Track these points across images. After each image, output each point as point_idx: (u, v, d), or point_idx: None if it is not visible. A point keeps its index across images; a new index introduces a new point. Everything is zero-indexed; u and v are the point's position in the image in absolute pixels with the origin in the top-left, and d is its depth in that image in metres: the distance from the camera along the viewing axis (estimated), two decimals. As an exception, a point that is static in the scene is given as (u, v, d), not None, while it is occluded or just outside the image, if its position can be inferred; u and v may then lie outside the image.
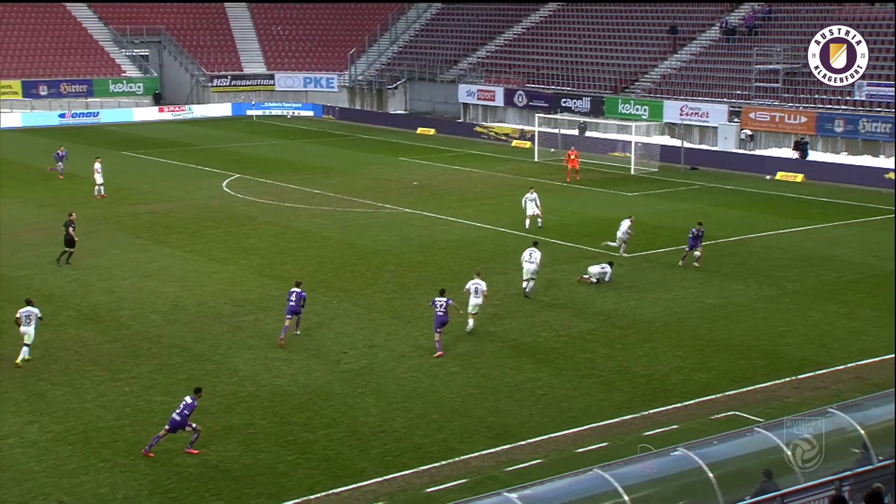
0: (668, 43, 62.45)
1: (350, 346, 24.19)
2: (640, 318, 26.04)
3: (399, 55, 78.93)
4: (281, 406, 20.57)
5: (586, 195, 43.81)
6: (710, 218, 37.64)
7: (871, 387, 20.62)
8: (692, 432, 18.28)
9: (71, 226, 31.53)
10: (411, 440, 18.95)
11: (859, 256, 32.35)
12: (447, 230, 36.92)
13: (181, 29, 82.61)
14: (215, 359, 23.40)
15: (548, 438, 18.92)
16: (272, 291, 28.78)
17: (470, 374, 22.22)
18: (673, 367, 22.52)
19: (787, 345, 24.01)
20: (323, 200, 42.60)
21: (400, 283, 29.69)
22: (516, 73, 67.38)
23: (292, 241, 35.16)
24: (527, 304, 27.37)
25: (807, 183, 46.39)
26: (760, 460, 14.19)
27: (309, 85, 79.80)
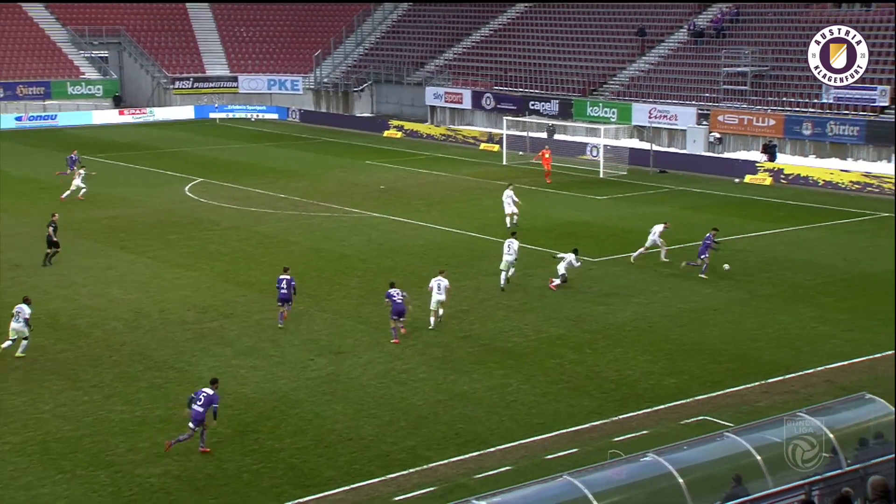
0: (637, 45, 62.89)
1: (317, 352, 24.10)
2: (610, 323, 26.18)
3: (365, 57, 78.85)
4: (246, 414, 20.45)
5: (555, 198, 43.99)
6: (679, 221, 37.93)
7: (841, 390, 20.87)
8: (662, 437, 18.39)
9: (52, 226, 32.16)
10: (379, 448, 18.91)
11: (829, 259, 32.75)
12: (415, 235, 36.91)
13: (141, 30, 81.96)
14: (179, 367, 23.22)
15: (517, 445, 18.96)
16: (237, 298, 28.63)
17: (439, 381, 22.23)
18: (643, 372, 22.66)
19: (758, 348, 24.24)
20: (288, 205, 42.44)
21: (367, 288, 29.63)
22: (484, 76, 67.54)
23: (257, 247, 34.99)
24: (496, 309, 27.43)
25: (775, 186, 46.89)
26: (730, 465, 14.29)
27: (273, 87, 79.48)
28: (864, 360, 23.28)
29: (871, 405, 15.79)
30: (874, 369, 22.74)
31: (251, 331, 25.72)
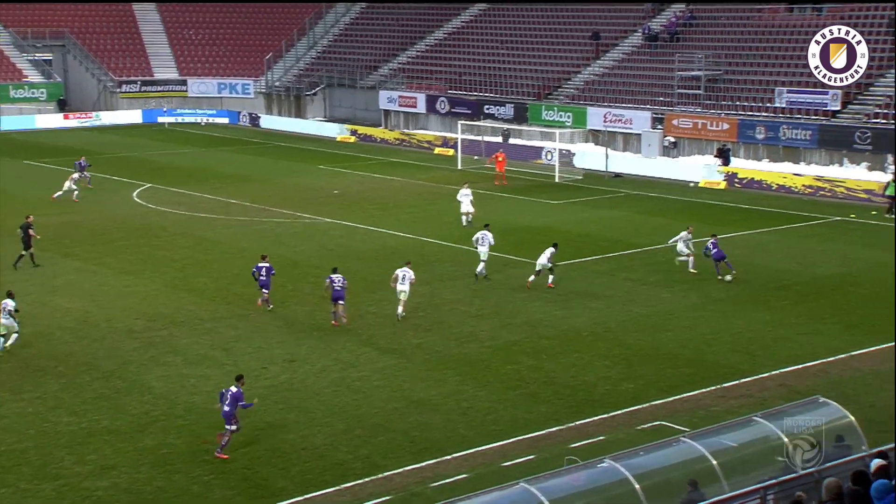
0: (591, 49, 63.41)
1: (269, 360, 23.95)
2: (566, 328, 26.33)
3: (318, 60, 78.60)
4: (197, 425, 20.25)
5: (510, 203, 44.17)
6: (634, 225, 38.33)
7: (796, 394, 21.18)
8: (619, 443, 18.52)
9: (29, 228, 32.58)
10: (333, 457, 18.83)
11: (783, 263, 33.24)
12: (368, 240, 36.85)
13: (87, 32, 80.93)
14: (127, 376, 22.93)
15: (474, 452, 18.99)
16: (187, 305, 28.36)
17: (394, 388, 22.19)
18: (600, 378, 22.82)
19: (714, 353, 24.53)
20: (239, 210, 42.14)
21: (321, 295, 29.45)
22: (438, 80, 67.65)
23: (207, 253, 34.70)
24: (451, 315, 27.47)
25: (730, 190, 47.51)
26: (687, 470, 14.45)
27: (223, 91, 78.90)
28: (818, 364, 23.65)
29: (824, 408, 16.05)
30: (827, 373, 23.12)
31: (202, 339, 25.49)
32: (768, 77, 53.77)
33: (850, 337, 25.45)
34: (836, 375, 22.90)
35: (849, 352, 24.34)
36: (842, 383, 22.26)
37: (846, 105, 49.79)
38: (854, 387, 22.05)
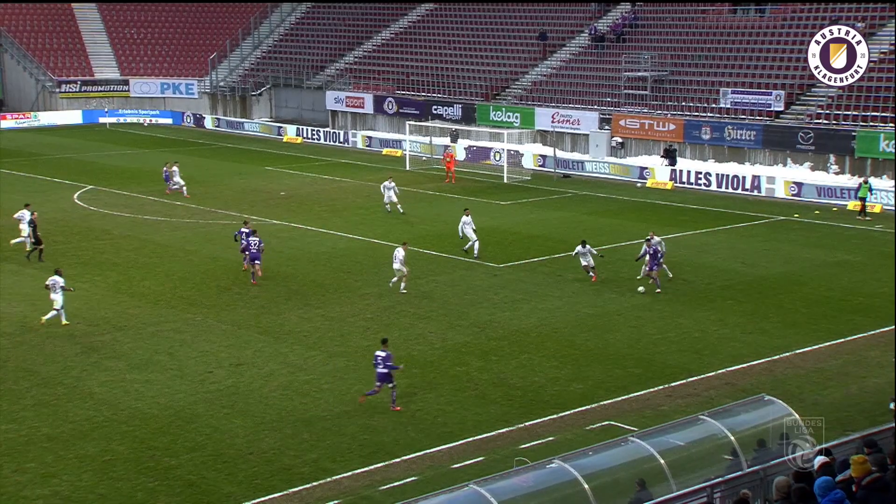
0: (538, 49, 63.77)
1: (215, 364, 23.74)
2: (515, 329, 26.45)
3: (263, 60, 78.04)
4: (140, 430, 20.01)
5: (459, 204, 44.23)
6: (583, 226, 38.60)
7: (741, 392, 21.51)
8: (568, 444, 18.66)
9: (32, 225, 33.96)
10: (281, 461, 18.72)
11: (727, 263, 33.70)
12: (317, 242, 36.68)
13: (24, 31, 79.47)
14: (67, 382, 22.58)
15: (423, 455, 19.01)
16: (130, 309, 28.00)
17: (343, 391, 22.13)
18: (549, 378, 22.96)
19: (661, 352, 24.81)
20: (184, 212, 41.69)
21: (268, 297, 29.33)
22: (386, 80, 67.55)
23: (152, 256, 34.29)
24: (400, 316, 27.46)
25: (676, 190, 48.07)
26: (635, 470, 14.60)
27: (167, 91, 77.98)
28: (763, 363, 24.04)
29: (769, 407, 16.31)
30: (772, 371, 23.51)
31: (146, 343, 25.19)
32: (713, 78, 54.52)
33: (793, 335, 25.90)
34: (781, 374, 23.30)
35: (792, 350, 24.77)
36: (786, 381, 22.66)
37: (789, 106, 50.67)
38: (798, 384, 22.45)
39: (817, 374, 23.21)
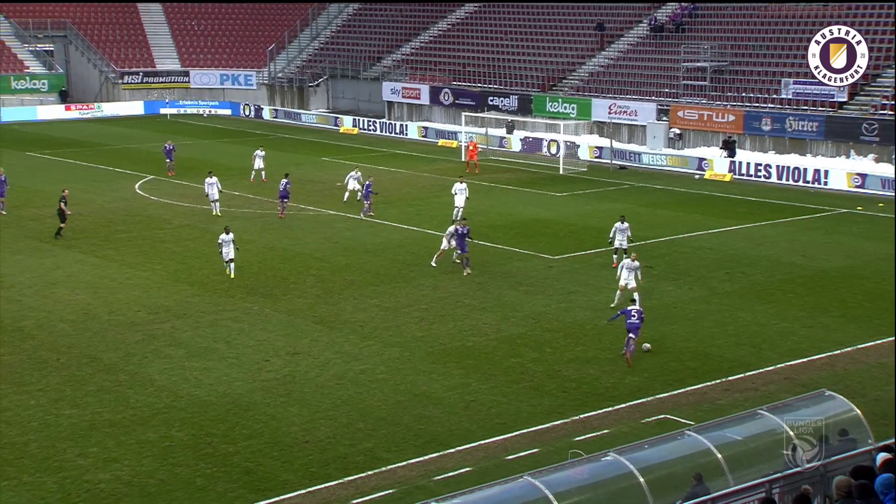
0: (596, 40, 63.28)
1: (272, 353, 23.97)
2: (569, 321, 26.32)
3: (320, 52, 78.51)
4: (199, 417, 20.29)
5: (514, 195, 44.13)
6: (639, 218, 38.24)
7: (801, 387, 21.16)
8: (623, 437, 18.53)
9: (63, 201, 35.42)
10: (336, 450, 18.85)
11: (787, 256, 33.17)
12: (372, 232, 36.84)
13: (88, 23, 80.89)
14: (129, 369, 22.97)
15: (477, 446, 19.00)
16: (189, 298, 28.38)
17: (397, 381, 22.21)
18: (603, 371, 22.81)
19: (718, 346, 24.51)
20: (242, 202, 42.14)
21: (324, 287, 29.53)
22: (442, 71, 67.55)
23: (210, 245, 34.62)
24: (455, 307, 27.46)
25: (735, 182, 47.42)
26: (692, 464, 14.44)
27: (226, 82, 78.86)
28: (823, 357, 23.63)
29: (830, 402, 16.03)
30: (833, 366, 23.10)
31: (205, 331, 25.52)
32: (774, 68, 53.63)
33: (855, 330, 25.41)
34: (842, 369, 22.88)
35: (854, 345, 24.31)
36: (847, 376, 22.25)
37: (853, 96, 49.60)
38: (859, 380, 22.03)
39: (879, 370, 22.75)
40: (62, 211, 35.35)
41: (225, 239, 30.18)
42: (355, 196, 41.18)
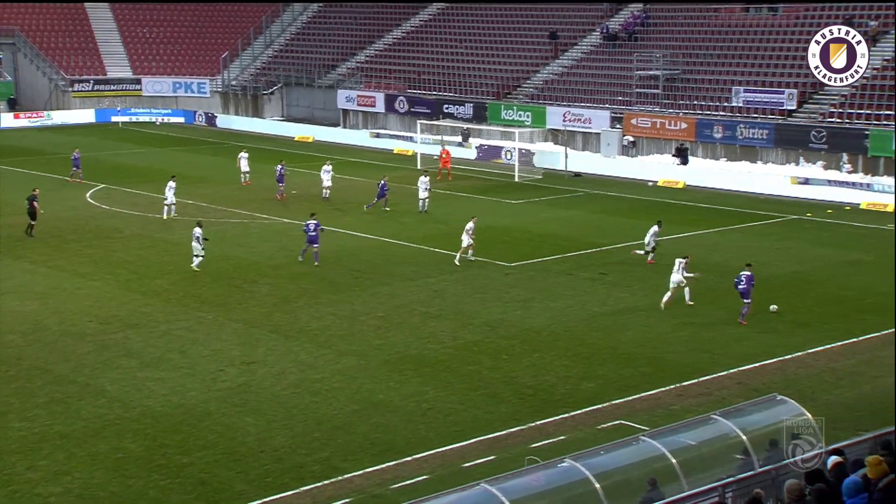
0: (550, 49, 63.69)
1: (227, 362, 23.78)
2: (526, 328, 26.42)
3: (274, 59, 78.16)
4: (152, 428, 20.06)
5: (470, 203, 44.22)
6: (594, 225, 38.57)
7: (753, 392, 21.43)
8: (579, 443, 18.64)
9: (34, 200, 36.08)
10: (292, 460, 18.75)
11: (739, 262, 33.47)
12: (327, 240, 36.64)
13: (37, 30, 79.75)
14: (80, 380, 22.65)
15: (434, 453, 19.00)
16: (142, 307, 28.07)
17: (353, 390, 22.14)
18: (560, 377, 22.93)
19: (672, 352, 24.75)
20: (196, 211, 41.77)
21: (279, 296, 29.37)
22: (397, 79, 67.57)
23: (163, 254, 34.37)
24: (412, 315, 27.46)
25: (687, 189, 47.94)
26: (647, 469, 14.56)
27: (179, 90, 78.16)
28: (775, 362, 23.95)
29: (781, 406, 16.25)
30: (784, 371, 23.43)
31: (158, 341, 25.26)
32: (725, 76, 54.36)
33: (805, 335, 25.81)
34: (793, 373, 23.22)
35: (804, 349, 24.68)
36: (798, 381, 22.58)
37: (802, 104, 50.47)
38: (810, 384, 22.37)
39: (829, 374, 23.13)
40: (34, 209, 35.75)
41: (197, 233, 31.53)
42: (326, 193, 43.00)
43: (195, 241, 31.70)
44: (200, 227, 32.06)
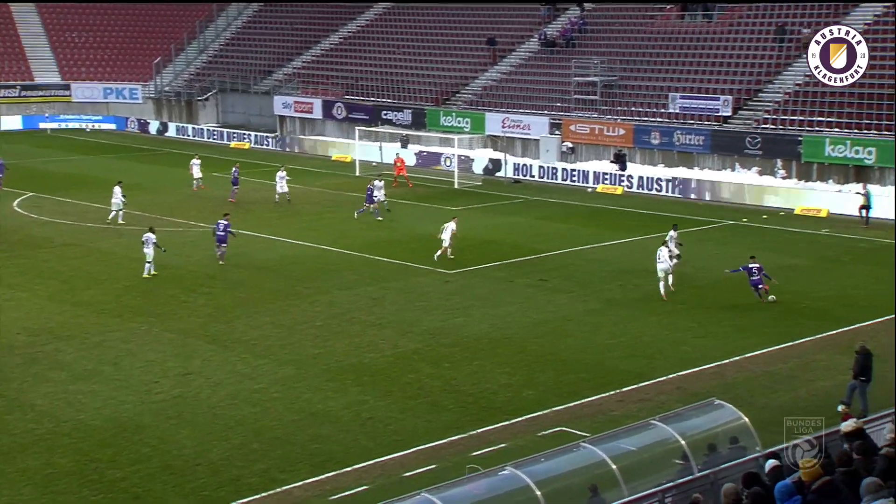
0: (488, 54, 64.00)
1: (162, 374, 23.46)
2: (467, 335, 26.49)
3: (209, 65, 77.38)
4: (84, 443, 19.71)
5: (410, 210, 44.25)
6: (534, 231, 38.82)
7: (692, 396, 21.73)
8: (520, 450, 18.72)
9: None
10: (230, 472, 18.55)
11: (679, 268, 34.01)
12: (265, 248, 36.44)
13: (-39, 33, 78.00)
14: (8, 394, 22.17)
15: (374, 463, 18.95)
16: (73, 318, 27.58)
17: (292, 400, 21.99)
18: (501, 385, 23.02)
19: (612, 357, 25.00)
20: (130, 219, 41.15)
21: (216, 305, 29.07)
22: (335, 85, 67.34)
23: (96, 264, 33.82)
24: (351, 324, 27.36)
25: (626, 195, 48.51)
26: (587, 475, 14.69)
27: (110, 96, 76.96)
28: (713, 367, 24.32)
29: (720, 411, 16.52)
30: (722, 375, 23.80)
31: (90, 353, 24.83)
32: (662, 83, 55.12)
33: (743, 339, 26.25)
34: (731, 377, 23.60)
35: (742, 354, 25.10)
36: (736, 385, 22.96)
37: (737, 111, 51.38)
38: (748, 388, 22.75)
39: (766, 378, 23.55)
40: None
41: (147, 238, 31.57)
42: (285, 198, 43.60)
43: (147, 246, 31.52)
44: (153, 232, 31.95)
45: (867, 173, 45.39)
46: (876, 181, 44.96)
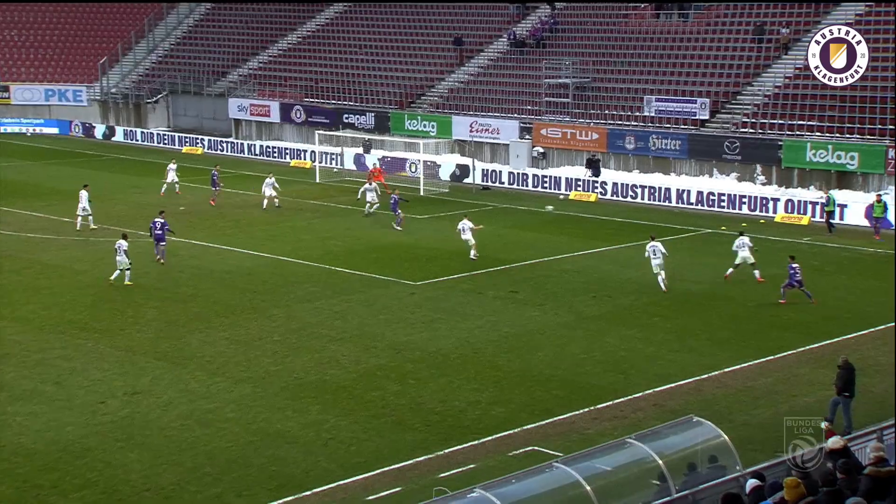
0: (455, 55, 64.18)
1: (108, 394, 23.26)
2: (433, 351, 26.49)
3: (159, 65, 76.99)
4: (24, 468, 19.48)
5: (373, 218, 44.21)
6: (503, 240, 38.91)
7: (669, 413, 21.86)
8: (490, 471, 18.73)
9: None
10: (181, 498, 18.41)
11: (653, 278, 34.23)
12: (220, 259, 36.26)
13: None
14: (-57, 417, 21.86)
15: (336, 486, 18.89)
16: (11, 335, 27.27)
17: (249, 420, 21.88)
18: (469, 402, 23.04)
19: (586, 373, 25.10)
20: (73, 230, 40.80)
21: (166, 320, 28.87)
22: (293, 87, 67.22)
23: (38, 277, 33.48)
24: (311, 338, 27.28)
25: (600, 202, 48.77)
26: (560, 497, 14.73)
27: (52, 98, 76.30)
28: (691, 382, 24.47)
29: (698, 428, 16.62)
30: (700, 391, 23.96)
31: (30, 372, 24.56)
32: (636, 85, 55.50)
33: (721, 354, 26.44)
34: (709, 393, 23.77)
35: (720, 369, 25.28)
36: (714, 401, 23.12)
37: (714, 114, 51.85)
38: (727, 405, 22.92)
39: (746, 394, 23.73)
40: None
41: (119, 246, 32.12)
42: (273, 203, 44.42)
43: (119, 254, 31.91)
44: (126, 239, 32.37)
45: (849, 179, 46.00)
46: (859, 187, 45.57)
